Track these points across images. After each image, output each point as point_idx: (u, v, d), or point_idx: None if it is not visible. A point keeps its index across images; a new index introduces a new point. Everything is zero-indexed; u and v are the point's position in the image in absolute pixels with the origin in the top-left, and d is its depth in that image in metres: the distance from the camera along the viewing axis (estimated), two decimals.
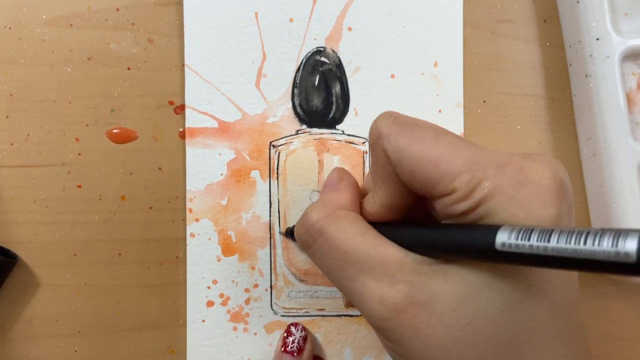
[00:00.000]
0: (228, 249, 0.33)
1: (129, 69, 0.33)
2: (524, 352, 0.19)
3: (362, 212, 0.24)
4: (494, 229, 0.17)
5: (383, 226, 0.22)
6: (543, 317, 0.19)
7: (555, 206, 0.19)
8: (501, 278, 0.19)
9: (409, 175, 0.20)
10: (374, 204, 0.23)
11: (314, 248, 0.23)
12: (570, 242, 0.15)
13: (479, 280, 0.19)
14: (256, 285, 0.33)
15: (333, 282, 0.23)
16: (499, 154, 0.19)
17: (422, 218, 0.23)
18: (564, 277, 0.20)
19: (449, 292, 0.19)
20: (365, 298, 0.21)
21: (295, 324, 0.32)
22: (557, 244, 0.15)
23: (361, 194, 0.25)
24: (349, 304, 0.26)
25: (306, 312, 0.33)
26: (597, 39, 0.31)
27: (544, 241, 0.15)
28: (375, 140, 0.21)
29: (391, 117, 0.21)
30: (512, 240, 0.16)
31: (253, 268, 0.33)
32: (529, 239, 0.16)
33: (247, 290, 0.33)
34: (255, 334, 0.33)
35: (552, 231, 0.16)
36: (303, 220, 0.23)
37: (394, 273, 0.20)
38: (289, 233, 0.32)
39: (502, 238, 0.17)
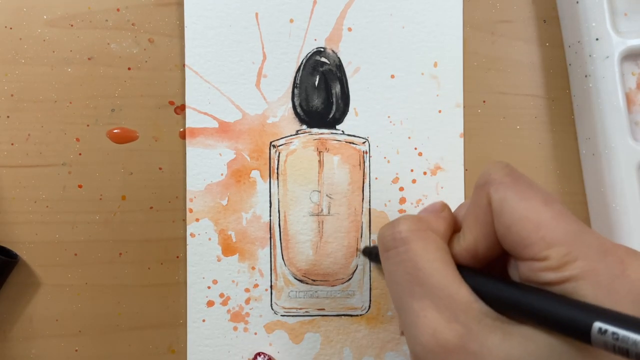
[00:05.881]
0: (228, 248, 0.33)
1: (129, 69, 0.33)
2: None
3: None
4: (590, 317, 0.17)
5: (462, 267, 0.22)
6: None
7: None
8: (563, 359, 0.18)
9: (505, 228, 0.20)
10: (458, 245, 0.23)
11: (392, 253, 0.23)
12: None
13: (538, 352, 0.19)
14: (256, 285, 0.33)
15: (392, 293, 0.23)
16: (604, 240, 0.19)
17: (497, 272, 0.23)
18: None
19: (502, 352, 0.19)
20: (419, 322, 0.20)
21: (262, 354, 0.32)
22: None
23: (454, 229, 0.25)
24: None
25: (306, 312, 0.33)
26: (597, 39, 0.31)
27: None
28: (483, 184, 0.21)
29: (506, 168, 0.21)
30: (610, 333, 0.16)
31: (253, 268, 0.33)
32: (628, 339, 0.16)
33: (247, 290, 0.33)
34: (256, 333, 0.33)
35: None
36: (393, 224, 0.23)
37: (457, 312, 0.20)
38: (367, 252, 0.32)
39: (600, 328, 0.16)
